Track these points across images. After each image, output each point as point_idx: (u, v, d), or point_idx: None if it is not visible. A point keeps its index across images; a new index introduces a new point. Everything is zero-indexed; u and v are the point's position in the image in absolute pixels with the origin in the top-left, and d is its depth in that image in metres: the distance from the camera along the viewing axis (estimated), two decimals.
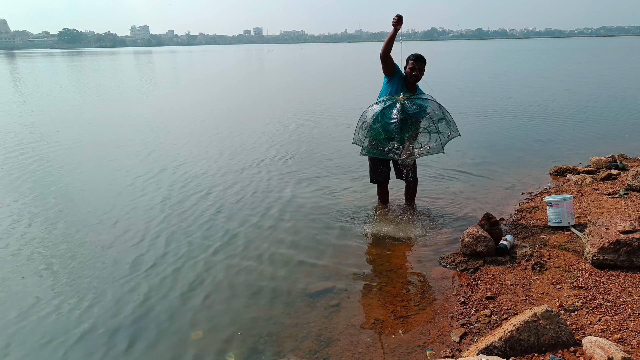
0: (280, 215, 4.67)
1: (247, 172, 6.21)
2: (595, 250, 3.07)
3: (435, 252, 3.72)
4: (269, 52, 75.56)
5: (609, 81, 17.44)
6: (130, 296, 3.23)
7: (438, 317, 2.84)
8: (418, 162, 6.38)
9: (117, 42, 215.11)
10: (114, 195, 5.35)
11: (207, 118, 10.93)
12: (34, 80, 23.61)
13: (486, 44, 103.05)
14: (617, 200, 4.26)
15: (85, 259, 3.78)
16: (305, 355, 2.57)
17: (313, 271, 3.51)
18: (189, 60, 50.91)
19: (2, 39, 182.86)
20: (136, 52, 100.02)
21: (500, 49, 59.18)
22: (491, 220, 3.54)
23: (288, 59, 48.72)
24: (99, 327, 2.89)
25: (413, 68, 4.20)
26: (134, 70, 32.77)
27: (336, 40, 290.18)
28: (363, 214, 4.62)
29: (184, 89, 18.82)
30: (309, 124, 9.78)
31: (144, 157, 7.10)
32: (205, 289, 3.30)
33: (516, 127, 8.81)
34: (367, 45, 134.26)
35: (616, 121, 9.30)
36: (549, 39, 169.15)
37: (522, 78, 19.83)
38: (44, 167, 6.51)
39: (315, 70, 29.96)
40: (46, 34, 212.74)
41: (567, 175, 5.55)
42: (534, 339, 2.28)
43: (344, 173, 6.08)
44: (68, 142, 8.16)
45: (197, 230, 4.32)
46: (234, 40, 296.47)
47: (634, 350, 2.22)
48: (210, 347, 2.69)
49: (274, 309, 3.04)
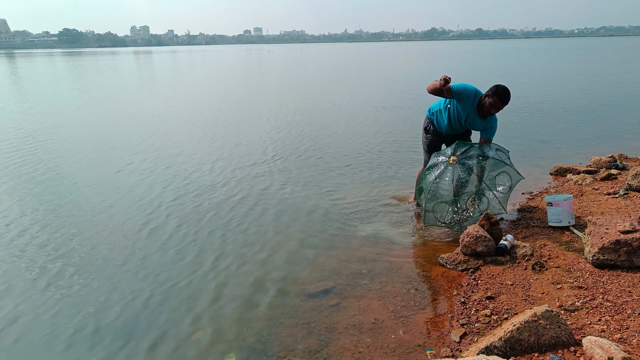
0: (279, 214, 4.67)
1: (247, 171, 6.21)
2: (596, 250, 3.07)
3: (435, 252, 3.72)
4: (269, 52, 75.55)
5: (622, 80, 17.37)
6: (130, 296, 3.23)
7: (438, 317, 2.84)
8: (414, 169, 6.35)
9: (117, 42, 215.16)
10: (114, 194, 5.34)
11: (208, 117, 10.92)
12: (42, 80, 23.60)
13: (487, 43, 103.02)
14: (617, 200, 4.26)
15: (85, 259, 3.78)
16: (305, 355, 2.57)
17: (313, 271, 3.51)
18: (190, 60, 50.91)
19: (2, 39, 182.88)
20: (136, 52, 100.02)
21: (504, 49, 59.03)
22: (491, 220, 3.54)
23: (288, 59, 48.72)
24: (99, 327, 2.89)
25: (494, 106, 3.87)
26: (136, 70, 32.76)
27: (336, 40, 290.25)
28: (363, 213, 4.62)
29: (187, 89, 18.80)
30: (310, 123, 9.76)
31: (146, 155, 7.10)
32: (205, 289, 3.30)
33: (516, 127, 8.81)
34: (367, 45, 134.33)
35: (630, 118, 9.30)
36: (550, 38, 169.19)
37: (535, 77, 19.76)
38: (52, 164, 6.52)
39: (315, 70, 29.96)
40: (46, 34, 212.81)
41: (567, 175, 5.55)
42: (534, 338, 2.28)
43: (344, 172, 6.08)
44: (84, 139, 8.17)
45: (197, 231, 4.31)
46: (234, 40, 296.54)
47: (634, 350, 2.22)
48: (211, 347, 2.69)
49: (274, 309, 3.04)
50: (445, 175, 3.87)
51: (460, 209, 3.92)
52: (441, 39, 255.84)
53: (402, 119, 10.22)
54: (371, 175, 5.91)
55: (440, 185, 3.88)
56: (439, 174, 3.88)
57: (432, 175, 3.93)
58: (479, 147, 3.97)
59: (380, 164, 6.46)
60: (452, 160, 3.86)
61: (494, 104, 3.88)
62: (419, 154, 6.91)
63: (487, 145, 4.01)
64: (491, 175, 3.90)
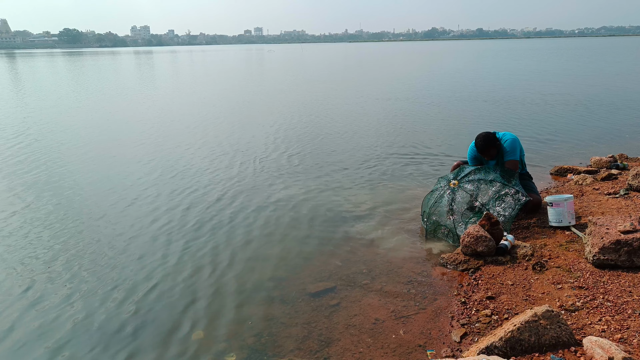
0: (280, 214, 4.67)
1: (249, 170, 6.21)
2: (596, 250, 3.07)
3: (436, 252, 3.72)
4: (269, 52, 75.55)
5: (623, 80, 17.35)
6: (131, 296, 3.23)
7: (438, 317, 2.84)
8: (414, 169, 6.39)
9: (118, 42, 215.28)
10: (115, 193, 5.35)
11: (210, 116, 10.92)
12: (44, 80, 23.61)
13: (488, 43, 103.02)
14: (617, 200, 4.25)
15: (85, 258, 3.78)
16: (305, 355, 2.57)
17: (313, 271, 3.51)
18: (191, 60, 50.93)
19: (3, 39, 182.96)
20: (137, 52, 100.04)
21: (507, 49, 58.97)
22: (492, 220, 3.54)
23: (288, 59, 48.71)
24: (99, 327, 2.89)
25: (483, 155, 4.22)
26: (138, 70, 32.76)
27: (337, 40, 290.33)
28: (364, 213, 4.61)
29: (190, 88, 18.81)
30: (313, 122, 9.77)
31: (152, 154, 7.10)
32: (205, 289, 3.30)
33: (516, 127, 8.81)
34: (367, 45, 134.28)
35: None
36: (550, 38, 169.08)
37: (534, 77, 19.74)
38: (54, 161, 6.53)
39: (315, 70, 29.95)
40: (47, 34, 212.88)
41: (568, 175, 5.55)
42: (535, 338, 2.27)
43: (345, 172, 6.08)
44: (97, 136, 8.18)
45: (197, 230, 4.31)
46: (235, 40, 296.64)
47: (635, 350, 2.22)
48: (211, 347, 2.69)
49: (274, 309, 3.04)
50: (445, 198, 3.98)
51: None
52: (442, 39, 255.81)
53: (408, 119, 10.21)
54: (372, 176, 5.90)
55: (440, 209, 3.97)
56: (439, 197, 4.01)
57: (432, 199, 4.06)
58: (481, 171, 4.06)
59: (381, 164, 6.45)
60: (453, 184, 3.98)
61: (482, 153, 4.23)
62: (421, 155, 6.94)
63: (489, 169, 4.08)
64: (492, 197, 3.92)
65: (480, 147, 4.18)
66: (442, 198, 3.99)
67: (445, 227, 3.91)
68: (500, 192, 3.89)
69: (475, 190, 3.93)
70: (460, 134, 8.27)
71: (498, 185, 3.91)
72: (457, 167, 4.46)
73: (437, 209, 3.98)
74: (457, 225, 3.82)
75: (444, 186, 4.06)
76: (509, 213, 3.81)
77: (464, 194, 3.92)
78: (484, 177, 3.98)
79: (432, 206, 3.99)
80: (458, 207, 3.89)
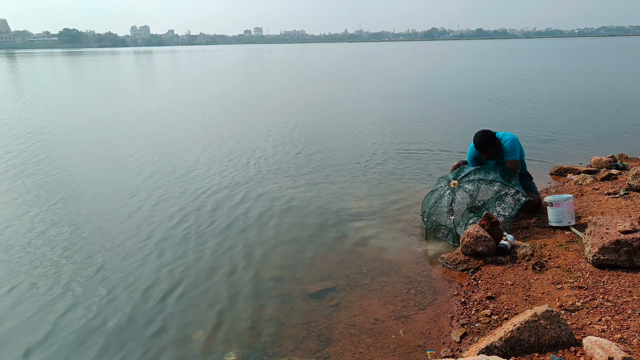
0: (280, 214, 4.67)
1: (249, 170, 6.21)
2: (596, 250, 3.07)
3: (436, 252, 3.72)
4: (269, 52, 75.55)
5: (625, 80, 17.33)
6: (131, 296, 3.23)
7: (438, 317, 2.83)
8: (414, 168, 6.40)
9: (118, 42, 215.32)
10: (116, 193, 5.35)
11: (211, 116, 10.93)
12: (44, 80, 23.62)
13: (488, 43, 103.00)
14: (617, 200, 4.25)
15: (84, 257, 3.78)
16: (305, 355, 2.57)
17: (313, 271, 3.51)
18: (191, 60, 50.92)
19: (3, 39, 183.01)
20: (137, 52, 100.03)
21: (507, 49, 58.96)
22: (492, 220, 3.54)
23: (288, 59, 48.71)
24: (98, 327, 2.89)
25: (481, 153, 4.24)
26: (139, 70, 32.76)
27: (337, 40, 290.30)
28: (364, 213, 4.61)
29: (190, 88, 18.81)
30: (313, 122, 9.77)
31: (153, 153, 7.10)
32: (205, 289, 3.30)
33: (516, 127, 8.81)
34: (367, 45, 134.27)
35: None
36: (550, 38, 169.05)
37: (535, 77, 19.78)
38: (56, 161, 6.53)
39: (315, 70, 29.95)
40: (46, 34, 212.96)
41: (568, 175, 5.55)
42: (535, 338, 2.27)
43: (345, 172, 6.08)
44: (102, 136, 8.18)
45: (197, 230, 4.31)
46: (234, 40, 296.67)
47: (635, 350, 2.22)
48: (211, 347, 2.69)
49: (274, 308, 3.04)
50: (445, 198, 3.98)
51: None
52: (441, 38, 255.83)
53: (409, 119, 10.21)
54: (372, 176, 5.90)
55: (440, 209, 3.98)
56: (439, 197, 4.01)
57: (433, 199, 4.06)
58: (481, 171, 4.06)
59: (381, 164, 6.45)
60: (453, 184, 3.98)
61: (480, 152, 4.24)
62: (421, 154, 6.94)
63: (489, 169, 4.08)
64: (492, 197, 3.92)
65: (478, 143, 4.18)
66: (442, 198, 3.99)
67: (445, 227, 3.92)
68: (500, 192, 3.90)
69: (476, 190, 3.93)
70: (465, 134, 8.25)
71: (498, 186, 3.91)
72: (457, 167, 4.46)
73: (437, 209, 3.98)
74: (457, 225, 3.82)
75: (444, 186, 4.06)
76: (509, 213, 3.82)
77: (464, 194, 3.92)
78: (484, 177, 3.99)
79: (432, 206, 4.00)
80: (458, 207, 3.90)
